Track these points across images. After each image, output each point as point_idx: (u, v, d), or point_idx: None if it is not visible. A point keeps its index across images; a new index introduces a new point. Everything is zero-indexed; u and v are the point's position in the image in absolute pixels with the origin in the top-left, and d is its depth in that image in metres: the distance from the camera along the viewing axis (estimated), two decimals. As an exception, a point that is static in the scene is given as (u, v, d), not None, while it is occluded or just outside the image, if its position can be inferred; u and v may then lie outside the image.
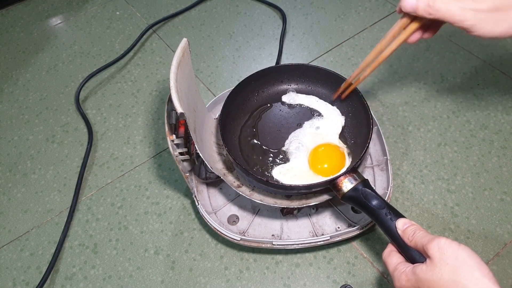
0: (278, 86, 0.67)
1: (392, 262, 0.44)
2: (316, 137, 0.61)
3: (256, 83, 0.65)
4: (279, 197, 0.57)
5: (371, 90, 0.79)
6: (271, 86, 0.66)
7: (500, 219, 0.62)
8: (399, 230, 0.44)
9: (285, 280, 0.58)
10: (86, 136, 0.75)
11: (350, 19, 0.92)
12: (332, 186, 0.52)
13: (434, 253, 0.39)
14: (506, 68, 0.80)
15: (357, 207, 0.51)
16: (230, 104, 0.61)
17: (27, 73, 0.87)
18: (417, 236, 0.42)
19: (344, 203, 0.53)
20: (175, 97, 0.48)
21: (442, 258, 0.38)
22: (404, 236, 0.44)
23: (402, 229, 0.44)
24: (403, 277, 0.41)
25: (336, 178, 0.52)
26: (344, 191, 0.51)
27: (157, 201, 0.67)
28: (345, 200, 0.52)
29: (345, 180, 0.51)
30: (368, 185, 0.51)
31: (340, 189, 0.51)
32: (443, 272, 0.38)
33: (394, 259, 0.44)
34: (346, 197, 0.51)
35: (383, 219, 0.47)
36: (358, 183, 0.51)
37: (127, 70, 0.86)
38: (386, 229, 0.46)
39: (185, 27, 0.94)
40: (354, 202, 0.51)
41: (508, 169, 0.67)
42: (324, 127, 0.62)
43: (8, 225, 0.66)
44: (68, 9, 1.00)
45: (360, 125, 0.61)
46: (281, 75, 0.66)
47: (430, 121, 0.73)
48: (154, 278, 0.59)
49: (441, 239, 0.39)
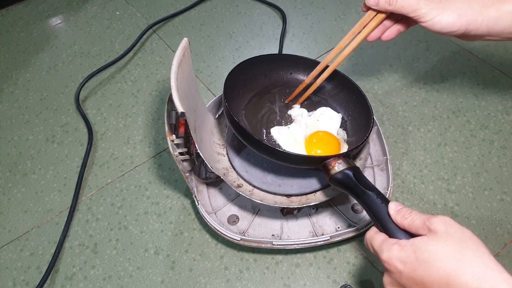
0: (286, 75, 0.66)
1: (380, 237, 0.42)
2: (315, 125, 0.61)
3: (267, 66, 0.64)
4: (279, 197, 0.57)
5: (371, 90, 0.79)
6: (280, 74, 0.66)
7: (500, 219, 0.62)
8: (392, 211, 0.42)
9: (285, 280, 0.58)
10: (86, 136, 0.75)
11: (350, 19, 0.92)
12: (323, 166, 0.51)
13: (439, 227, 0.37)
14: (506, 68, 0.80)
15: (346, 190, 0.50)
16: (238, 75, 0.60)
17: (27, 73, 0.87)
18: (415, 214, 0.40)
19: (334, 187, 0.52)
20: (175, 96, 0.48)
21: (448, 231, 0.37)
22: (398, 215, 0.42)
23: (395, 209, 0.42)
24: (395, 247, 0.39)
25: (328, 157, 0.51)
26: (334, 172, 0.50)
27: (157, 201, 0.67)
28: (334, 182, 0.50)
29: (336, 162, 0.50)
30: (359, 171, 0.50)
31: (330, 170, 0.50)
32: (448, 243, 0.36)
33: (381, 236, 0.42)
34: (335, 178, 0.50)
35: (373, 200, 0.45)
36: (349, 168, 0.50)
37: (127, 70, 0.86)
38: (375, 211, 0.44)
39: (185, 27, 0.94)
40: (343, 185, 0.50)
41: (508, 169, 0.67)
42: (323, 120, 0.62)
43: (8, 225, 0.66)
44: (68, 9, 1.00)
45: (360, 119, 0.61)
46: (292, 65, 0.65)
47: (430, 121, 0.73)
48: (154, 278, 0.59)
49: (446, 216, 0.38)
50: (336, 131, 0.61)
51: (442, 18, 0.48)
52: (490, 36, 0.49)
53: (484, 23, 0.48)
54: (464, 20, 0.48)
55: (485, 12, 0.47)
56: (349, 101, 0.64)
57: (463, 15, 0.48)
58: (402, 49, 0.85)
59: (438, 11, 0.48)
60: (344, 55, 0.56)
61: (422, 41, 0.86)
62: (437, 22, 0.48)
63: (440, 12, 0.48)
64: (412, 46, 0.86)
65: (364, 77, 0.81)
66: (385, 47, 0.86)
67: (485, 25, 0.48)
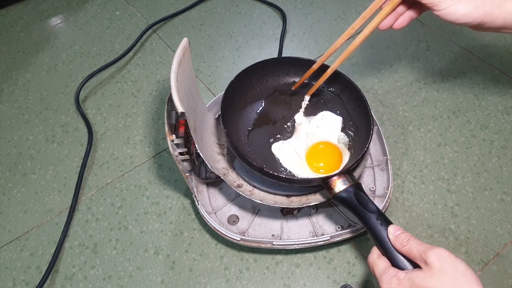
0: (283, 78, 0.66)
1: (381, 265, 0.43)
2: (316, 134, 0.61)
3: (262, 71, 0.64)
4: (279, 197, 0.57)
5: (371, 90, 0.79)
6: (277, 78, 0.66)
7: (500, 219, 0.62)
8: (391, 235, 0.44)
9: (285, 280, 0.58)
10: (86, 136, 0.75)
11: (350, 19, 0.92)
12: (325, 185, 0.52)
13: (433, 261, 0.39)
14: (506, 68, 0.80)
15: (348, 209, 0.51)
16: (235, 88, 0.60)
17: (27, 73, 0.87)
18: (412, 243, 0.42)
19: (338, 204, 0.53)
20: (175, 96, 0.48)
21: (442, 267, 0.38)
22: (396, 242, 0.43)
23: (394, 235, 0.44)
24: (393, 281, 0.40)
25: (330, 177, 0.52)
26: (336, 191, 0.51)
27: (157, 201, 0.67)
28: (336, 201, 0.51)
29: (338, 180, 0.51)
30: (361, 188, 0.51)
31: (333, 188, 0.51)
32: (442, 280, 0.38)
33: (383, 263, 0.43)
34: (338, 197, 0.51)
35: (373, 223, 0.46)
36: (351, 186, 0.51)
37: (127, 70, 0.86)
38: (376, 233, 0.46)
39: (185, 27, 0.94)
40: (345, 203, 0.51)
41: (508, 169, 0.67)
42: (323, 126, 0.62)
43: (8, 225, 0.65)
44: (68, 9, 1.00)
45: (360, 126, 0.61)
46: (287, 68, 0.65)
47: (430, 121, 0.73)
48: (154, 278, 0.59)
49: (441, 249, 0.39)
50: (337, 137, 0.61)
51: (457, 8, 0.46)
52: (506, 29, 0.48)
53: (501, 16, 0.46)
54: (480, 11, 0.46)
55: (503, 5, 0.46)
56: (348, 102, 0.64)
57: (480, 6, 0.46)
58: (402, 49, 0.85)
59: (454, 1, 0.46)
60: (356, 43, 0.54)
61: (422, 41, 0.86)
62: (452, 12, 0.47)
63: (456, 2, 0.46)
64: (412, 46, 0.86)
65: (364, 77, 0.81)
66: (385, 47, 0.86)
67: (501, 18, 0.46)
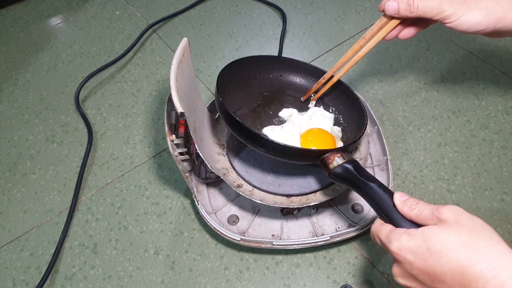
0: (277, 78, 0.66)
1: (386, 228, 0.40)
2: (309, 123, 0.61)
3: (257, 68, 0.64)
4: (279, 197, 0.57)
5: (371, 90, 0.79)
6: (270, 76, 0.66)
7: (500, 219, 0.62)
8: (398, 201, 0.41)
9: (285, 280, 0.58)
10: (86, 136, 0.75)
11: (350, 19, 0.92)
12: (321, 162, 0.51)
13: (449, 216, 0.36)
14: (506, 68, 0.80)
15: (347, 184, 0.49)
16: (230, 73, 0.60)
17: (27, 73, 0.87)
18: (422, 205, 0.39)
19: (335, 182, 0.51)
20: (175, 96, 0.48)
21: (459, 221, 0.36)
22: (405, 206, 0.40)
23: (401, 200, 0.41)
24: (404, 237, 0.37)
25: (326, 151, 0.50)
26: (333, 166, 0.49)
27: (157, 201, 0.67)
28: (333, 177, 0.50)
29: (335, 156, 0.50)
30: (358, 164, 0.49)
31: (329, 164, 0.49)
32: (460, 231, 0.35)
33: (388, 227, 0.41)
34: (334, 173, 0.49)
35: (376, 191, 0.44)
36: (348, 161, 0.49)
37: (127, 70, 0.86)
38: (379, 201, 0.43)
39: (185, 27, 0.93)
40: (343, 178, 0.49)
41: (508, 169, 0.67)
42: (316, 118, 0.62)
43: (8, 225, 0.65)
44: (68, 9, 1.00)
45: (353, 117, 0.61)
46: (283, 68, 0.65)
47: (430, 121, 0.73)
48: (154, 278, 0.59)
49: (454, 206, 0.37)
50: (330, 129, 0.61)
51: (468, 18, 0.46)
52: None
53: None
54: (492, 18, 0.46)
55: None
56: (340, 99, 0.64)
57: (491, 13, 0.46)
58: (402, 49, 0.85)
59: (463, 11, 0.46)
60: (362, 54, 0.55)
61: (422, 41, 0.86)
62: (464, 22, 0.47)
63: (466, 12, 0.46)
64: (412, 46, 0.86)
65: (364, 77, 0.81)
66: (385, 47, 0.86)
67: None
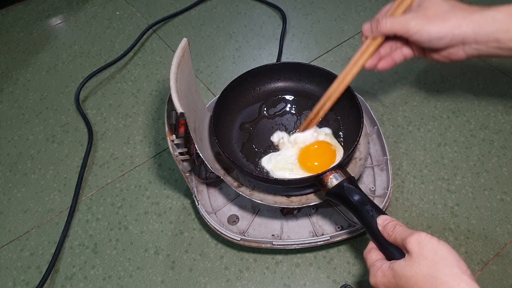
0: (274, 84, 0.66)
1: (371, 258, 0.44)
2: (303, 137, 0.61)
3: (252, 79, 0.64)
4: (279, 197, 0.57)
5: (371, 90, 0.79)
6: (268, 84, 0.66)
7: (500, 219, 0.62)
8: (380, 226, 0.44)
9: (285, 280, 0.58)
10: (86, 136, 0.75)
11: (350, 19, 0.92)
12: (319, 183, 0.52)
13: (413, 248, 0.39)
14: (506, 68, 0.80)
15: (341, 203, 0.51)
16: (225, 98, 0.61)
17: (27, 73, 0.87)
18: (397, 231, 0.42)
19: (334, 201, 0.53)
20: (175, 97, 0.48)
21: (421, 253, 0.38)
22: (384, 232, 0.44)
23: (382, 225, 0.44)
24: (379, 273, 0.41)
25: (322, 174, 0.52)
26: (329, 187, 0.51)
27: (157, 201, 0.67)
28: (330, 196, 0.52)
29: (331, 176, 0.51)
30: (353, 182, 0.51)
31: (326, 185, 0.51)
32: (421, 267, 0.37)
33: (373, 256, 0.44)
34: (331, 193, 0.51)
35: (364, 215, 0.47)
36: (344, 180, 0.51)
37: (127, 70, 0.86)
38: (367, 225, 0.46)
39: (185, 27, 0.94)
40: (338, 198, 0.51)
41: (508, 169, 0.67)
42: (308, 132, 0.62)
43: (8, 225, 0.66)
44: (68, 9, 1.00)
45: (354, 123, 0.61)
46: (277, 73, 0.66)
47: (430, 121, 0.73)
48: (154, 278, 0.59)
49: (421, 234, 0.39)
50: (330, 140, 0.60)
51: (429, 28, 0.49)
52: (477, 44, 0.49)
53: (470, 27, 0.48)
54: (449, 24, 0.49)
55: (468, 17, 0.48)
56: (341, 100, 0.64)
57: (447, 19, 0.49)
58: (402, 49, 0.85)
59: (424, 22, 0.50)
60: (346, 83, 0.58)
61: (422, 41, 0.86)
62: (426, 32, 0.49)
63: (426, 23, 0.49)
64: (412, 46, 0.86)
65: (364, 77, 0.81)
66: (385, 47, 0.86)
67: (470, 30, 0.48)
